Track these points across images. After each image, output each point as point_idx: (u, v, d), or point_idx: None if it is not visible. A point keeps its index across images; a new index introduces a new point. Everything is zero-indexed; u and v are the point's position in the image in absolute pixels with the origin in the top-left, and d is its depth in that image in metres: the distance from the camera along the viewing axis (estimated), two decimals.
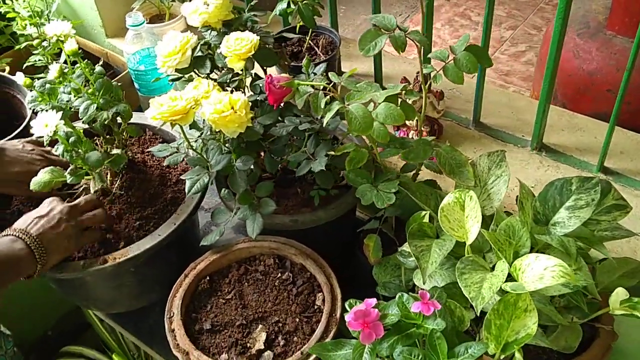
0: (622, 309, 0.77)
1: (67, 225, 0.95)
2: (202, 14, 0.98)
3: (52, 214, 0.95)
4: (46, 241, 0.92)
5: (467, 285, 0.75)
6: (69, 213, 0.97)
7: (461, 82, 0.87)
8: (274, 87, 0.85)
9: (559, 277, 0.70)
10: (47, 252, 0.92)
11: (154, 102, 0.87)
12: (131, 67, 1.43)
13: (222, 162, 0.93)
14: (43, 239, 0.92)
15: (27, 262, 0.90)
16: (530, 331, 0.73)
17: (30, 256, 0.90)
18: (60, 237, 0.94)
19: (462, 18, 3.10)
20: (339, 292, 0.96)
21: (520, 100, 1.35)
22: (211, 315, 0.97)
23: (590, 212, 0.82)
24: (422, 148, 0.92)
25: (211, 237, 1.01)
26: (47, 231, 0.93)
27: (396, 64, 1.47)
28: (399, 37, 0.84)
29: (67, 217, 0.96)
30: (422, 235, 0.86)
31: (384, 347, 0.74)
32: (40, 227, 0.93)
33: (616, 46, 1.50)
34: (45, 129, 0.90)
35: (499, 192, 0.90)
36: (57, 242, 0.93)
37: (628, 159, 1.17)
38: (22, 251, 0.90)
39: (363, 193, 0.93)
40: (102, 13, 1.62)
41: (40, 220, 0.94)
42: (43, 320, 2.03)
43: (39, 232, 0.92)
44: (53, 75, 0.97)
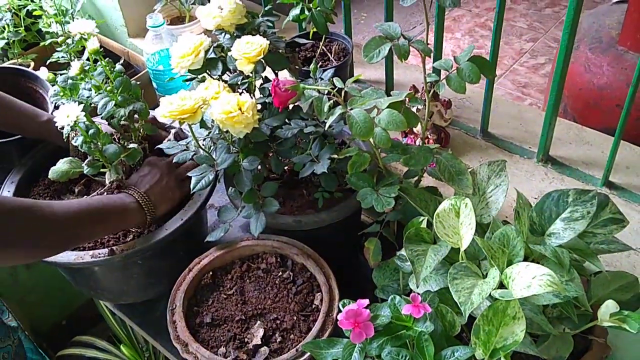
0: (612, 322, 0.78)
1: (168, 178, 1.08)
2: (216, 18, 1.02)
3: (153, 172, 1.09)
4: (153, 195, 1.05)
5: (457, 290, 0.77)
6: (168, 168, 1.10)
7: (463, 92, 0.89)
8: (280, 90, 0.88)
9: (546, 285, 0.71)
10: (154, 204, 1.05)
11: (164, 100, 0.91)
12: (150, 66, 1.47)
13: (227, 161, 0.96)
14: (150, 194, 1.05)
15: (136, 213, 1.03)
16: (517, 338, 0.74)
17: (139, 208, 1.03)
18: (165, 189, 1.07)
19: (483, 29, 3.10)
20: (337, 293, 0.99)
21: (530, 112, 1.36)
22: (212, 309, 1.00)
23: (585, 224, 0.83)
24: (423, 154, 0.93)
25: (216, 234, 1.04)
26: (153, 186, 1.06)
27: (408, 72, 1.49)
28: (402, 46, 0.86)
29: (167, 172, 1.09)
30: (419, 240, 0.88)
31: (374, 347, 0.76)
32: (146, 183, 1.06)
33: (627, 62, 1.50)
34: (66, 119, 0.94)
35: (497, 201, 0.91)
36: (162, 194, 1.07)
37: (634, 174, 1.17)
38: (132, 204, 1.02)
39: (363, 196, 0.95)
40: (125, 13, 1.67)
41: (145, 178, 1.08)
42: (59, 310, 2.08)
43: (145, 188, 1.05)
44: (74, 72, 1.02)
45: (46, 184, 1.20)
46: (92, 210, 0.96)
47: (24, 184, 1.17)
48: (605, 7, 1.78)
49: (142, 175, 1.08)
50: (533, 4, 3.28)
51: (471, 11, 3.27)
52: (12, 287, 1.91)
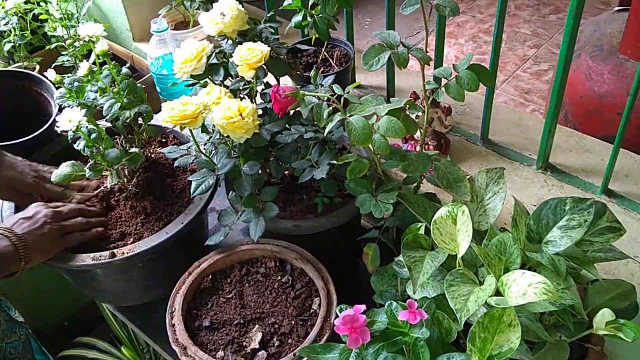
0: (607, 330, 0.78)
1: (50, 228, 1.02)
2: (218, 24, 1.03)
3: (36, 217, 1.03)
4: (30, 241, 0.99)
5: (454, 297, 0.77)
6: (52, 217, 1.04)
7: (462, 99, 0.90)
8: (279, 97, 0.89)
9: (542, 293, 0.71)
10: (30, 251, 0.98)
11: (166, 105, 0.92)
12: (154, 71, 1.49)
13: (227, 166, 0.97)
14: (27, 239, 0.98)
15: (11, 259, 0.97)
16: (513, 345, 0.74)
17: (14, 253, 0.97)
18: (44, 238, 1.01)
19: (487, 34, 3.10)
20: (335, 298, 0.99)
21: (530, 119, 1.36)
22: (211, 313, 1.01)
23: (582, 232, 0.83)
24: (421, 161, 0.94)
25: (216, 237, 1.05)
26: (31, 232, 1.00)
27: (410, 78, 1.49)
28: (401, 54, 0.87)
29: (50, 221, 1.03)
30: (417, 247, 0.88)
31: (370, 353, 0.77)
32: (26, 227, 1.00)
33: (628, 70, 1.50)
34: (69, 124, 0.96)
35: (495, 208, 0.92)
36: (40, 243, 1.00)
37: (633, 182, 1.17)
38: (7, 248, 0.96)
39: (362, 202, 0.96)
40: (131, 18, 1.68)
41: (26, 221, 1.01)
42: (61, 311, 2.09)
43: (23, 231, 0.99)
44: (82, 72, 1.03)
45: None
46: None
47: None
48: (606, 15, 1.78)
49: (23, 217, 1.03)
50: (537, 10, 3.28)
51: (475, 17, 3.28)
52: (15, 287, 1.93)
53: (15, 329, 1.20)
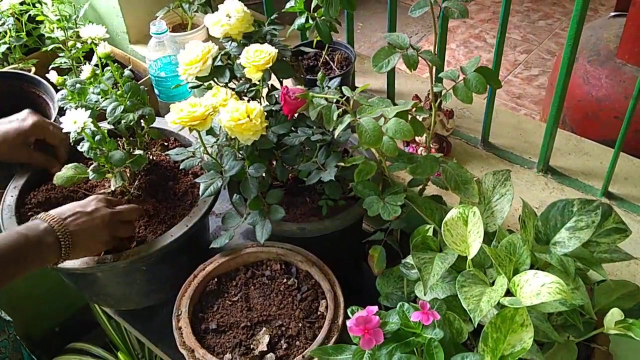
0: (617, 329, 0.79)
1: (103, 230, 0.96)
2: (224, 26, 1.03)
3: (94, 215, 0.95)
4: (77, 238, 0.92)
5: (466, 297, 0.78)
6: (110, 219, 0.97)
7: (470, 102, 0.91)
8: (289, 98, 0.89)
9: (555, 293, 0.72)
10: (74, 249, 0.92)
11: (174, 107, 0.91)
12: (152, 73, 1.48)
13: (235, 168, 0.97)
14: (75, 236, 0.92)
15: (52, 255, 0.91)
16: (525, 345, 0.75)
17: (56, 249, 0.90)
18: (93, 239, 0.95)
19: (477, 40, 3.14)
20: (342, 300, 0.99)
21: (529, 122, 1.38)
22: (217, 315, 1.00)
23: (590, 233, 0.84)
24: (429, 163, 0.95)
25: (221, 240, 1.05)
26: (84, 230, 0.93)
27: (409, 82, 1.50)
28: (411, 56, 0.88)
29: (107, 223, 0.96)
30: (426, 248, 0.89)
31: (383, 354, 0.77)
32: (79, 224, 0.93)
33: (625, 74, 1.53)
34: (73, 125, 0.94)
35: (503, 210, 0.92)
36: (87, 243, 0.94)
37: (632, 185, 1.19)
38: (50, 245, 0.90)
39: (370, 204, 0.96)
40: (127, 20, 1.67)
41: (82, 217, 0.94)
42: (51, 317, 2.07)
43: (75, 228, 0.92)
44: (85, 75, 1.02)
45: (48, 189, 1.19)
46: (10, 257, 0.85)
47: (27, 189, 1.16)
48: (603, 20, 1.81)
49: (81, 211, 0.95)
50: (526, 16, 3.32)
51: (466, 22, 3.32)
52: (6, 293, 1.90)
53: (4, 327, 1.18)
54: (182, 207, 1.14)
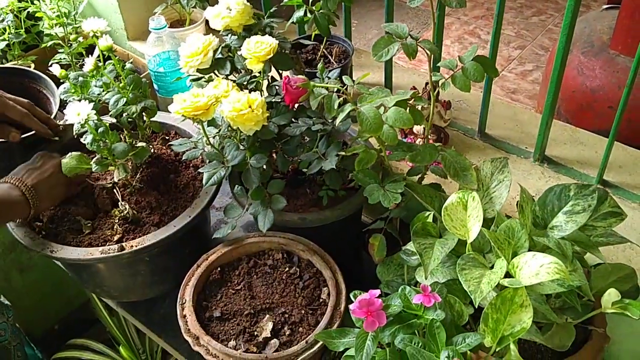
0: (614, 309, 0.81)
1: (58, 176, 1.08)
2: (225, 18, 1.04)
3: (44, 167, 1.09)
4: (39, 189, 1.05)
5: (467, 280, 0.79)
6: (59, 166, 1.09)
7: (468, 90, 0.92)
8: (291, 88, 0.90)
9: (554, 273, 0.74)
10: (39, 199, 1.05)
11: (177, 97, 0.93)
12: (151, 68, 1.49)
13: (237, 158, 0.98)
14: (36, 188, 1.05)
15: (21, 206, 1.04)
16: (525, 325, 0.77)
17: (24, 202, 1.04)
18: (52, 186, 1.08)
19: (472, 36, 3.16)
20: (344, 287, 1.01)
21: (525, 114, 1.40)
22: (221, 304, 1.02)
23: (586, 217, 0.86)
24: (428, 151, 0.96)
25: (224, 231, 1.06)
26: (41, 181, 1.06)
27: (406, 75, 1.52)
28: (410, 45, 0.89)
29: (58, 170, 1.09)
30: (426, 234, 0.90)
31: (386, 335, 0.79)
32: (35, 177, 1.07)
33: (618, 65, 1.56)
34: (77, 117, 0.96)
35: (501, 196, 0.94)
36: (48, 191, 1.07)
37: (626, 173, 1.21)
38: (18, 197, 1.03)
39: (370, 192, 0.97)
40: (125, 16, 1.68)
41: (34, 171, 1.08)
42: (52, 314, 2.07)
43: (33, 182, 1.06)
44: (88, 67, 1.03)
45: None
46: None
47: None
48: (596, 13, 1.84)
49: (30, 167, 1.09)
50: (520, 12, 3.35)
51: (460, 19, 3.34)
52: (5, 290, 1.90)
53: (2, 311, 1.19)
54: (184, 199, 1.15)
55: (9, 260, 1.81)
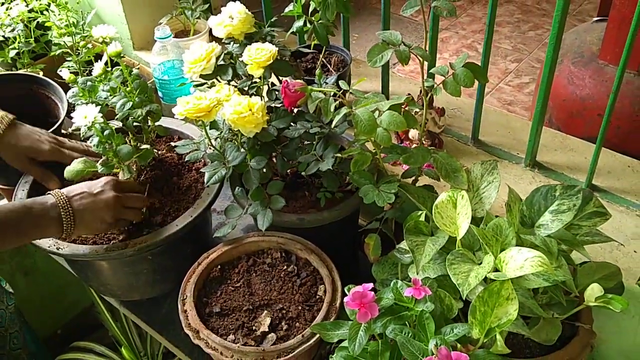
0: (597, 303, 0.85)
1: (107, 212, 1.00)
2: (227, 26, 1.09)
3: (100, 197, 1.00)
4: (80, 218, 0.97)
5: (455, 273, 0.83)
6: (116, 202, 1.01)
7: (458, 95, 0.97)
8: (289, 91, 0.95)
9: (537, 266, 0.77)
10: (75, 226, 0.97)
11: (180, 100, 0.97)
12: (156, 76, 1.54)
13: (238, 158, 1.03)
14: (78, 215, 0.96)
15: (54, 228, 0.96)
16: (511, 317, 0.80)
17: (58, 224, 0.96)
18: (96, 219, 0.99)
19: (469, 49, 3.22)
20: (340, 284, 1.04)
21: (517, 121, 1.44)
22: (221, 300, 1.05)
23: (571, 216, 0.90)
24: (421, 154, 1.01)
25: (224, 230, 1.10)
26: (87, 210, 0.97)
27: (403, 84, 1.57)
28: (403, 51, 0.94)
29: (112, 205, 1.00)
30: (418, 232, 0.94)
31: (378, 326, 0.82)
32: (84, 204, 0.97)
33: (607, 74, 1.61)
34: (84, 119, 1.00)
35: (490, 196, 0.98)
36: (89, 222, 0.99)
37: (615, 178, 1.25)
38: (53, 219, 0.95)
39: (365, 192, 1.01)
40: (131, 26, 1.74)
41: (88, 197, 0.98)
42: (55, 319, 2.10)
43: (79, 207, 0.97)
44: (97, 72, 1.08)
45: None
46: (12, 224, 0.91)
47: (37, 183, 1.21)
48: (586, 25, 1.90)
49: (88, 191, 1.00)
50: (517, 27, 3.42)
51: (458, 33, 3.40)
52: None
53: (2, 298, 1.20)
54: (186, 200, 1.19)
55: (14, 263, 1.85)
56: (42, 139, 1.12)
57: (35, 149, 1.11)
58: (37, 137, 1.12)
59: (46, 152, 1.11)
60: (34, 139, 1.12)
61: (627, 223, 1.16)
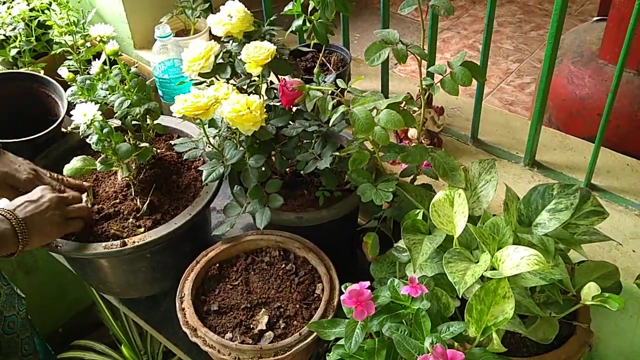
0: (594, 302, 0.85)
1: (53, 213, 1.03)
2: (226, 25, 1.09)
3: (41, 201, 1.03)
4: (31, 224, 0.99)
5: (452, 272, 0.83)
6: (57, 202, 1.04)
7: (456, 94, 0.97)
8: (287, 90, 0.95)
9: (533, 264, 0.77)
10: (29, 234, 0.99)
11: (178, 98, 0.97)
12: (157, 75, 1.54)
13: (236, 156, 1.03)
14: (28, 222, 0.99)
15: (9, 241, 0.97)
16: (507, 315, 0.80)
17: (13, 236, 0.97)
18: (45, 223, 1.01)
19: (471, 49, 3.22)
20: (338, 283, 1.04)
21: (517, 121, 1.44)
22: (219, 298, 1.05)
23: (569, 214, 0.90)
24: (419, 152, 1.01)
25: (223, 228, 1.10)
26: (34, 215, 1.00)
27: (403, 84, 1.57)
28: (400, 50, 0.94)
29: (55, 206, 1.04)
30: (415, 231, 0.94)
31: (375, 324, 0.82)
32: (29, 211, 1.01)
33: (607, 74, 1.61)
34: (83, 117, 1.00)
35: (488, 195, 0.98)
36: (41, 227, 1.01)
37: (614, 177, 1.25)
38: (6, 231, 0.97)
39: (363, 191, 1.01)
40: (132, 26, 1.74)
41: (30, 205, 1.02)
42: (56, 318, 2.11)
43: (25, 215, 0.99)
44: (95, 70, 1.08)
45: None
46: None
47: None
48: (586, 25, 1.90)
49: (28, 200, 1.03)
50: (519, 27, 3.41)
51: (460, 33, 3.40)
52: None
53: (14, 303, 1.21)
54: (185, 199, 1.19)
55: (16, 261, 1.86)
56: (21, 169, 1.13)
57: (12, 176, 1.11)
58: (17, 166, 1.13)
59: (21, 181, 1.11)
60: (13, 167, 1.12)
61: (626, 222, 1.15)
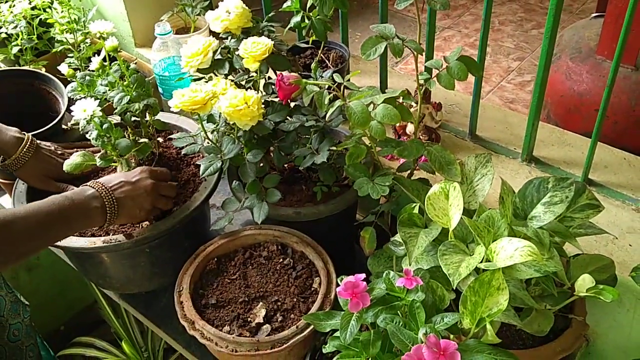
0: (589, 293, 0.85)
1: (146, 198, 1.05)
2: (224, 21, 1.10)
3: (139, 184, 1.05)
4: (122, 206, 1.01)
5: (446, 264, 0.84)
6: (152, 189, 1.06)
7: (452, 88, 0.97)
8: (284, 84, 0.95)
9: (527, 255, 0.78)
10: (118, 215, 1.01)
11: (176, 93, 0.98)
12: (157, 72, 1.55)
13: (234, 151, 1.04)
14: (120, 203, 1.01)
15: (96, 218, 1.00)
16: (501, 307, 0.80)
17: (102, 214, 0.99)
18: (136, 206, 1.04)
19: (472, 48, 3.22)
20: (335, 277, 1.05)
21: (515, 117, 1.45)
22: (217, 292, 1.06)
23: (564, 207, 0.90)
24: (415, 146, 1.01)
25: (221, 223, 1.11)
26: (127, 198, 1.02)
27: (402, 80, 1.57)
28: (396, 44, 0.94)
29: (150, 192, 1.06)
30: (411, 224, 0.95)
31: (370, 315, 0.83)
32: (123, 192, 1.02)
33: (605, 70, 1.61)
34: (83, 113, 1.01)
35: (483, 189, 0.99)
36: (130, 210, 1.03)
37: (611, 172, 1.25)
38: (97, 209, 0.98)
39: (360, 185, 1.02)
40: (133, 24, 1.75)
41: (126, 186, 1.03)
42: (58, 315, 2.12)
43: (119, 196, 1.01)
44: (94, 66, 1.09)
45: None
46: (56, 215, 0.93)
47: None
48: (584, 21, 1.90)
49: (125, 180, 1.04)
50: (520, 25, 3.42)
51: (461, 32, 3.41)
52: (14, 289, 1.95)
53: (19, 311, 1.22)
54: (184, 194, 1.20)
55: None
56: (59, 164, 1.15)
57: (51, 171, 1.16)
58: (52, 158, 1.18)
59: (62, 174, 1.14)
60: (52, 162, 1.17)
61: (623, 217, 1.16)
